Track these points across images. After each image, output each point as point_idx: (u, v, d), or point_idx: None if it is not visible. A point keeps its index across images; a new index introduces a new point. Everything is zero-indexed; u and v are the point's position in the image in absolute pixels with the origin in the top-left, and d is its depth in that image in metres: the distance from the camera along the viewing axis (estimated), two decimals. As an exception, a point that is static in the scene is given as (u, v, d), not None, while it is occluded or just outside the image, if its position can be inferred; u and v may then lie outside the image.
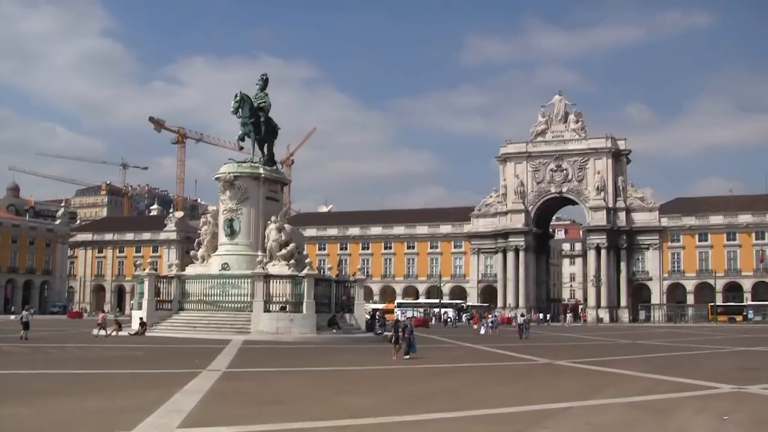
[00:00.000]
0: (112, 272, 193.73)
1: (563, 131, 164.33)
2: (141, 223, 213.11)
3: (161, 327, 65.98)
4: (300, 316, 63.66)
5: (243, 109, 72.91)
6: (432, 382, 32.55)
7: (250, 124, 73.18)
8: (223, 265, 69.60)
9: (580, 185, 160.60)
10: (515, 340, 67.88)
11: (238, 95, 72.89)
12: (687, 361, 46.34)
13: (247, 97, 73.34)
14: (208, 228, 75.33)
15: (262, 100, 74.96)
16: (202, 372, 32.48)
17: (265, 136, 75.07)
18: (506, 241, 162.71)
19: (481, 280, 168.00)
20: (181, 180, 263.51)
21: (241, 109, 72.91)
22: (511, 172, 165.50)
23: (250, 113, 72.95)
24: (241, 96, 72.92)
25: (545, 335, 78.94)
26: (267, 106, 75.06)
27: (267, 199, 72.36)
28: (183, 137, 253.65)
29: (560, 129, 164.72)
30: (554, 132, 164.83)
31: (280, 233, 69.46)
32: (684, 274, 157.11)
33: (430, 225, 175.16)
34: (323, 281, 70.84)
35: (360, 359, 44.35)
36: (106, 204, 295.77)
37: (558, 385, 31.36)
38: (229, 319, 65.33)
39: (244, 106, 72.85)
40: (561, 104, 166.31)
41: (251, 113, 73.07)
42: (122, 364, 38.55)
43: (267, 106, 75.06)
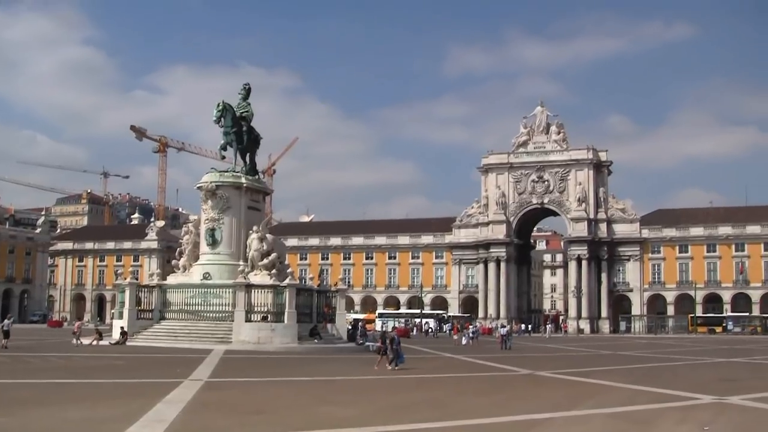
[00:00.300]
0: (92, 281, 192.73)
1: (545, 142, 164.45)
2: (122, 232, 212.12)
3: (142, 336, 65.77)
4: (281, 325, 63.56)
5: (225, 119, 72.73)
6: (414, 393, 32.56)
7: (232, 133, 73.00)
8: (205, 275, 69.46)
9: (561, 196, 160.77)
10: (497, 351, 67.93)
11: (221, 104, 72.69)
12: (667, 372, 46.54)
13: (229, 107, 73.18)
14: (190, 237, 75.19)
15: (245, 110, 74.87)
16: (184, 381, 32.41)
17: (247, 145, 74.94)
18: (488, 252, 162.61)
19: (462, 290, 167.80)
20: (162, 189, 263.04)
21: (223, 118, 72.72)
22: (493, 183, 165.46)
23: (232, 122, 72.81)
24: (224, 105, 72.73)
25: (527, 346, 79.06)
26: (249, 115, 74.97)
27: (249, 208, 72.24)
28: (164, 146, 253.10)
29: (542, 140, 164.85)
30: (536, 143, 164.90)
31: (262, 243, 69.37)
32: (664, 285, 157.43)
33: (412, 235, 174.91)
34: (305, 291, 70.68)
35: (342, 369, 44.31)
36: (87, 213, 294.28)
37: (540, 395, 31.42)
38: (210, 328, 65.20)
39: (227, 116, 72.67)
40: (543, 115, 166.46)
41: (233, 122, 72.94)
42: (103, 374, 38.44)
43: (249, 116, 74.96)
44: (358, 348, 66.07)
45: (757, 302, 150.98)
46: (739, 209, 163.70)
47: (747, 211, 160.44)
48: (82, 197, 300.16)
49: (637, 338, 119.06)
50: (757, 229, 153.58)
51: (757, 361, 57.68)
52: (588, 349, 77.82)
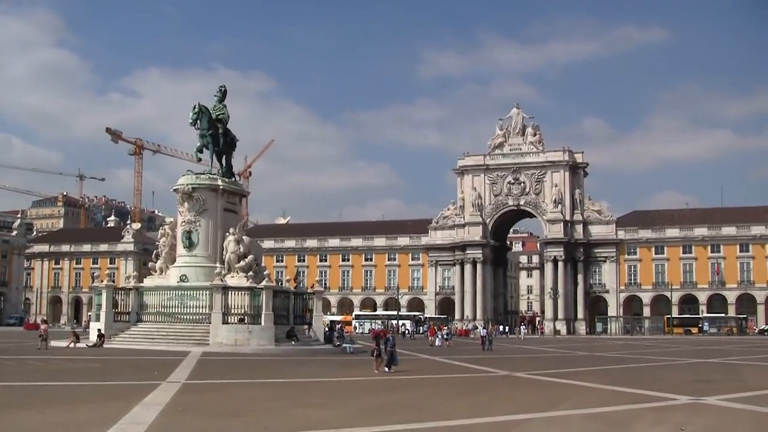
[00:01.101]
0: (69, 284, 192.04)
1: (521, 144, 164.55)
2: (98, 234, 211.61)
3: (119, 339, 65.71)
4: (258, 327, 63.54)
5: (201, 121, 72.46)
6: (391, 394, 32.55)
7: (208, 135, 72.77)
8: (182, 277, 69.38)
9: (537, 198, 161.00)
10: (474, 352, 68.00)
11: (197, 107, 72.45)
12: (644, 373, 46.72)
13: (205, 109, 72.97)
14: (166, 240, 75.03)
15: (221, 112, 74.73)
16: (162, 384, 32.33)
17: (223, 147, 74.77)
18: (464, 254, 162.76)
19: (438, 292, 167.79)
20: (138, 191, 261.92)
21: (199, 120, 72.44)
22: (469, 185, 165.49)
23: (208, 125, 72.61)
24: (200, 107, 72.50)
25: (504, 347, 79.19)
26: (225, 117, 74.85)
27: (225, 210, 72.18)
28: (140, 149, 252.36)
29: (518, 142, 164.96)
30: (512, 145, 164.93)
31: (239, 245, 69.27)
32: (640, 286, 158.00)
33: (388, 237, 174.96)
34: (281, 293, 70.71)
35: (319, 371, 44.19)
36: (63, 215, 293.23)
37: (517, 397, 31.50)
38: (187, 330, 65.19)
39: (203, 118, 72.43)
40: (519, 117, 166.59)
41: (209, 125, 72.75)
42: (81, 377, 38.33)
43: (225, 118, 74.84)
44: (335, 350, 65.98)
45: (732, 303, 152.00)
46: (714, 211, 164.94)
47: (722, 213, 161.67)
48: (58, 200, 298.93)
49: (613, 339, 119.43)
50: (733, 230, 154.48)
51: (733, 361, 57.90)
52: (565, 350, 78.00)
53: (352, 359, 57.02)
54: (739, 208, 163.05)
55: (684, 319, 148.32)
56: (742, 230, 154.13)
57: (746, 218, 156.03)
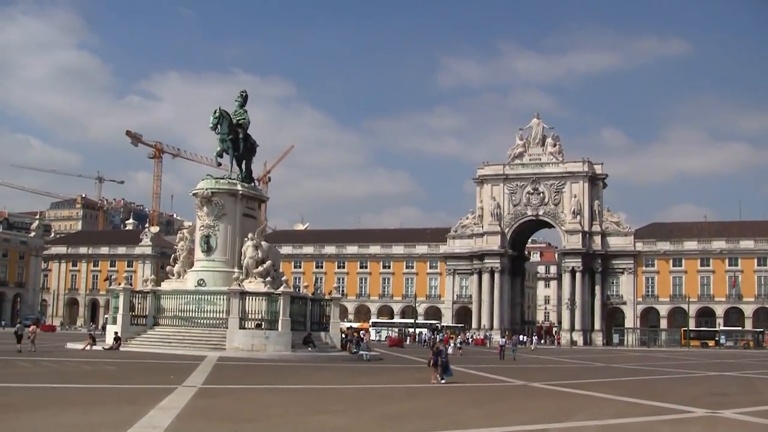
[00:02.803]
0: (86, 286, 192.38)
1: (540, 154, 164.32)
2: (116, 237, 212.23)
3: (136, 342, 65.83)
4: (275, 333, 63.56)
5: (222, 125, 72.62)
6: (407, 402, 32.54)
7: (228, 140, 72.90)
8: (199, 281, 69.44)
9: (556, 208, 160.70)
10: (491, 361, 67.92)
11: (218, 111, 72.63)
12: (660, 385, 46.53)
13: (226, 114, 73.16)
14: (185, 244, 75.20)
15: (242, 117, 74.88)
16: (178, 388, 32.37)
17: (243, 152, 74.91)
18: (482, 263, 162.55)
19: (456, 300, 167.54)
20: (157, 195, 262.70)
21: (219, 125, 72.60)
22: (488, 194, 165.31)
23: (228, 129, 72.77)
24: (220, 112, 72.68)
25: (520, 357, 78.90)
26: (246, 122, 74.96)
27: (244, 215, 72.22)
28: (160, 152, 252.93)
29: (537, 152, 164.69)
30: (531, 155, 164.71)
31: (257, 250, 69.35)
32: (658, 298, 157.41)
33: (406, 245, 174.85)
34: (299, 299, 70.77)
35: (335, 378, 44.25)
36: (81, 217, 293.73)
37: (533, 407, 31.43)
38: (204, 335, 65.22)
39: (223, 122, 72.60)
40: (539, 127, 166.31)
41: (230, 129, 72.91)
42: (97, 379, 38.42)
43: (246, 123, 74.95)
44: (351, 357, 65.93)
45: (749, 317, 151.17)
46: (732, 224, 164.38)
47: (740, 226, 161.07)
48: (77, 202, 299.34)
49: (629, 351, 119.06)
50: (751, 243, 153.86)
51: (750, 375, 57.68)
52: (581, 361, 77.81)
53: (368, 366, 57.00)
54: (758, 222, 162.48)
55: (701, 332, 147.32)
56: (760, 244, 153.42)
57: (764, 232, 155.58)
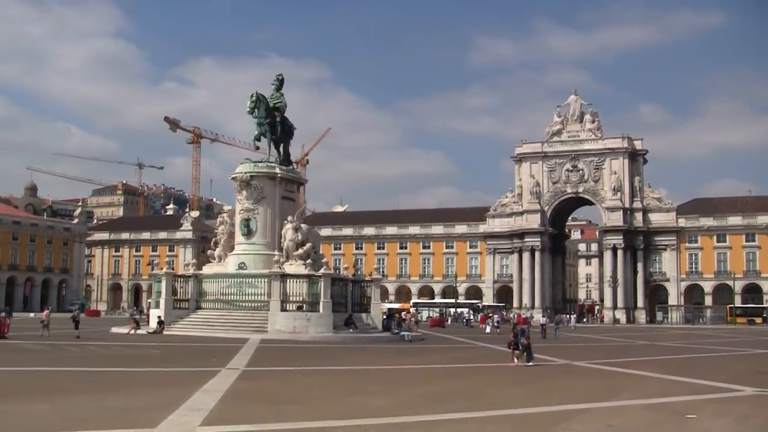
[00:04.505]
0: (128, 271, 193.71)
1: (579, 131, 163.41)
2: (157, 222, 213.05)
3: (179, 325, 66.30)
4: (316, 315, 63.88)
5: (259, 109, 72.92)
6: (448, 382, 32.54)
7: (266, 124, 73.20)
8: (240, 265, 69.78)
9: (596, 185, 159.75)
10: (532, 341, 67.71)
11: (254, 95, 72.93)
12: (706, 363, 46.20)
13: (263, 97, 73.46)
14: (225, 227, 75.57)
15: (278, 100, 75.05)
16: (221, 371, 32.59)
17: (280, 136, 75.21)
18: (522, 242, 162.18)
19: (496, 280, 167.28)
20: (196, 180, 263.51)
21: (257, 109, 72.91)
22: (527, 173, 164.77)
23: (266, 113, 73.04)
24: (257, 96, 72.98)
25: (563, 336, 78.56)
26: (283, 106, 75.12)
27: (283, 198, 72.53)
28: (198, 137, 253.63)
29: (576, 129, 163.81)
30: (570, 132, 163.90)
31: (297, 233, 69.60)
32: (702, 275, 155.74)
33: (446, 225, 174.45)
34: (339, 281, 71.11)
35: (376, 359, 44.31)
36: (122, 203, 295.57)
37: (576, 386, 31.33)
38: (246, 318, 65.63)
39: (260, 106, 72.89)
40: (577, 104, 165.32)
41: (267, 113, 73.17)
42: (141, 363, 38.74)
43: (283, 106, 75.12)
44: (392, 337, 65.92)
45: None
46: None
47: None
48: (117, 188, 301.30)
49: (674, 329, 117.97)
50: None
51: (796, 351, 57.23)
52: (624, 339, 77.51)
53: (409, 347, 57.04)
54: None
55: (747, 308, 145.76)
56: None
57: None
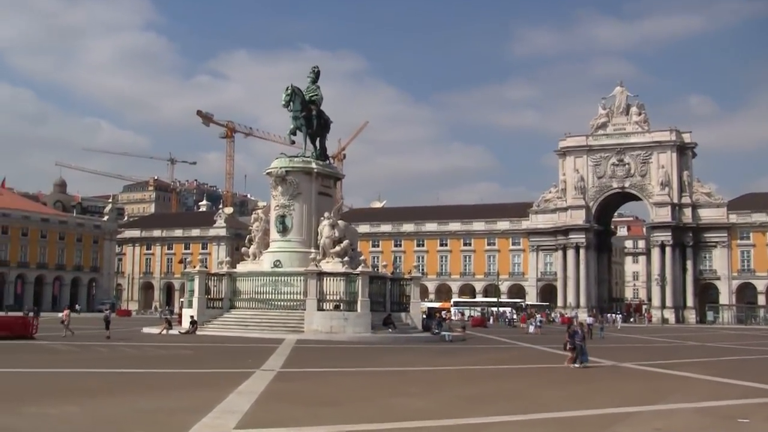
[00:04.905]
0: (160, 269, 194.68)
1: (625, 124, 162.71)
2: (189, 219, 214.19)
3: (212, 325, 66.43)
4: (354, 314, 63.90)
5: (294, 103, 72.96)
6: (491, 383, 32.48)
7: (301, 117, 73.22)
8: (275, 263, 69.90)
9: (643, 180, 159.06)
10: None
11: (289, 88, 72.91)
12: (759, 365, 45.80)
13: (298, 90, 73.45)
14: (260, 224, 75.73)
15: (314, 93, 75.05)
16: (256, 372, 32.67)
17: (317, 129, 75.21)
18: (566, 238, 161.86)
19: (540, 278, 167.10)
20: (230, 175, 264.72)
21: (292, 102, 72.94)
22: (571, 167, 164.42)
23: (301, 107, 73.05)
24: (292, 89, 72.96)
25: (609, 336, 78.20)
26: (319, 99, 75.13)
27: (320, 194, 72.57)
28: (232, 131, 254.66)
29: (622, 122, 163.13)
30: (615, 125, 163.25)
31: (334, 230, 69.61)
32: (754, 273, 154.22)
33: (487, 221, 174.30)
34: (378, 279, 71.15)
35: (416, 360, 44.28)
36: (154, 200, 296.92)
37: (624, 388, 31.15)
38: (281, 317, 65.68)
39: (296, 100, 72.91)
40: (622, 96, 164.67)
41: (303, 107, 73.19)
42: (174, 364, 38.86)
43: (319, 99, 75.13)
44: (433, 338, 65.82)
45: None
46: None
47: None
48: (149, 184, 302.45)
49: (725, 329, 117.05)
50: None
51: None
52: (673, 339, 77.04)
53: (450, 347, 56.97)
54: None
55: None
56: None
57: None
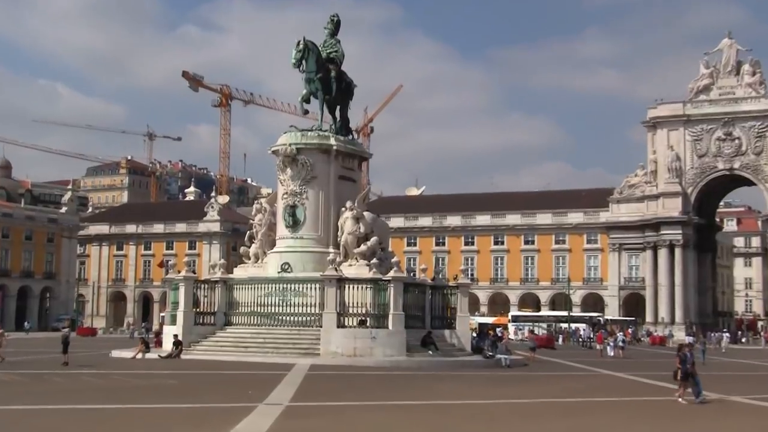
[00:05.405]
0: (135, 275, 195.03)
1: (734, 87, 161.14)
2: (173, 211, 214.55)
3: (202, 347, 66.62)
4: (385, 332, 63.69)
5: (308, 62, 72.73)
6: (563, 421, 32.44)
7: (317, 80, 72.93)
8: (284, 266, 69.91)
9: (758, 159, 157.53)
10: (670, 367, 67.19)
11: (301, 43, 72.66)
12: None
13: (312, 46, 73.17)
14: (263, 217, 75.70)
15: (333, 49, 74.91)
16: (258, 407, 32.78)
17: (336, 96, 74.96)
18: (657, 235, 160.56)
19: (623, 286, 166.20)
20: (225, 155, 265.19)
21: (305, 61, 72.75)
22: (663, 143, 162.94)
23: (316, 66, 72.80)
24: (305, 44, 72.71)
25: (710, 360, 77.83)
26: (339, 56, 75.01)
27: (340, 178, 72.53)
28: (227, 98, 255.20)
29: (730, 84, 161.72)
30: (722, 88, 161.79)
31: (358, 224, 69.52)
32: None
33: (555, 213, 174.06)
34: (415, 287, 70.92)
35: (465, 390, 44.23)
36: (127, 186, 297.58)
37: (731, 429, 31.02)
38: (291, 336, 65.78)
39: (309, 58, 72.67)
40: (731, 51, 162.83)
41: (318, 66, 72.94)
42: (152, 397, 38.95)
43: (339, 57, 75.00)
44: (485, 362, 65.79)
45: None
46: None
47: None
48: (121, 166, 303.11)
49: None
50: None
51: None
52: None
53: (508, 375, 56.97)
54: None
55: None
56: None
57: None
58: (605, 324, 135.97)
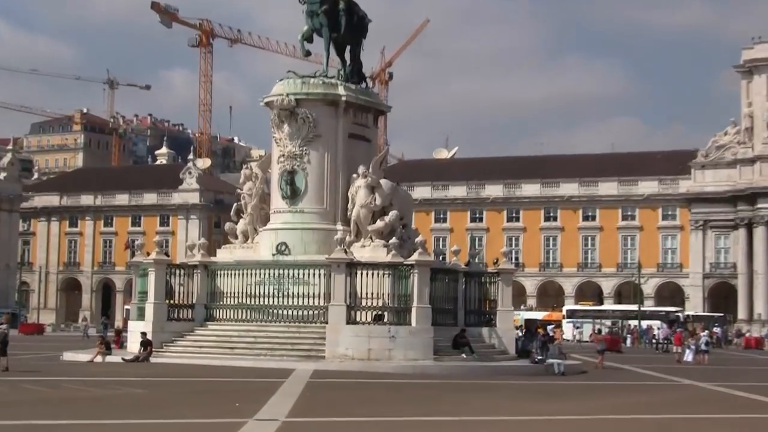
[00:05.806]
0: (93, 258, 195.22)
1: None
2: (141, 177, 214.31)
3: (177, 348, 66.89)
4: (406, 330, 63.72)
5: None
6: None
7: (321, 13, 72.85)
8: (279, 247, 69.91)
9: None
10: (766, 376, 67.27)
11: (302, -35, 72.88)
12: None
13: (316, -31, 73.25)
14: (254, 186, 75.72)
15: (342, -25, 74.90)
16: (248, 423, 32.83)
17: (346, 33, 74.80)
18: (753, 209, 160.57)
19: (709, 273, 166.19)
20: (205, 107, 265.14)
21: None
22: (762, 92, 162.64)
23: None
24: (307, -33, 72.86)
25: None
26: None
27: (351, 137, 72.53)
28: (208, 36, 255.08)
29: None
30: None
31: (373, 194, 69.42)
32: None
33: (622, 181, 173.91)
34: (445, 274, 70.93)
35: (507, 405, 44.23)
36: (82, 147, 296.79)
37: None
38: (289, 335, 65.85)
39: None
40: None
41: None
42: (114, 411, 38.95)
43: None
44: (534, 368, 65.82)
45: None
46: None
47: None
48: (74, 121, 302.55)
49: None
50: None
51: None
52: None
53: (562, 384, 57.06)
54: None
55: None
56: None
57: None
58: (686, 321, 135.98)
